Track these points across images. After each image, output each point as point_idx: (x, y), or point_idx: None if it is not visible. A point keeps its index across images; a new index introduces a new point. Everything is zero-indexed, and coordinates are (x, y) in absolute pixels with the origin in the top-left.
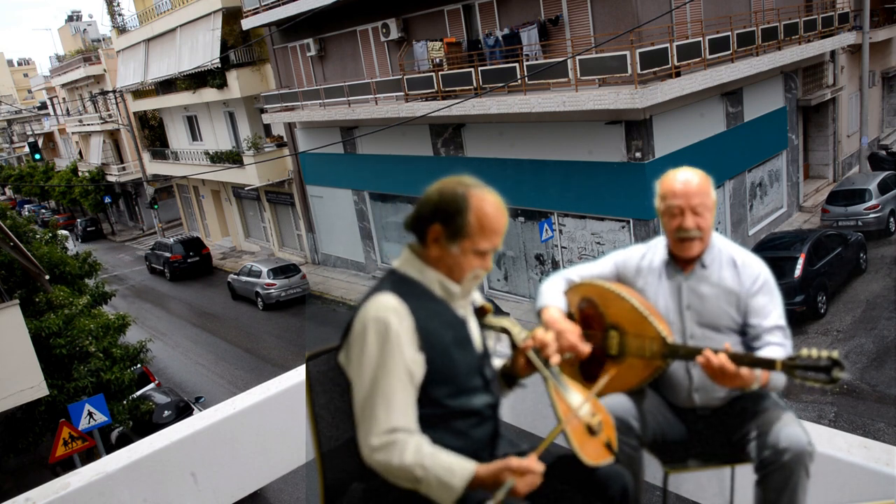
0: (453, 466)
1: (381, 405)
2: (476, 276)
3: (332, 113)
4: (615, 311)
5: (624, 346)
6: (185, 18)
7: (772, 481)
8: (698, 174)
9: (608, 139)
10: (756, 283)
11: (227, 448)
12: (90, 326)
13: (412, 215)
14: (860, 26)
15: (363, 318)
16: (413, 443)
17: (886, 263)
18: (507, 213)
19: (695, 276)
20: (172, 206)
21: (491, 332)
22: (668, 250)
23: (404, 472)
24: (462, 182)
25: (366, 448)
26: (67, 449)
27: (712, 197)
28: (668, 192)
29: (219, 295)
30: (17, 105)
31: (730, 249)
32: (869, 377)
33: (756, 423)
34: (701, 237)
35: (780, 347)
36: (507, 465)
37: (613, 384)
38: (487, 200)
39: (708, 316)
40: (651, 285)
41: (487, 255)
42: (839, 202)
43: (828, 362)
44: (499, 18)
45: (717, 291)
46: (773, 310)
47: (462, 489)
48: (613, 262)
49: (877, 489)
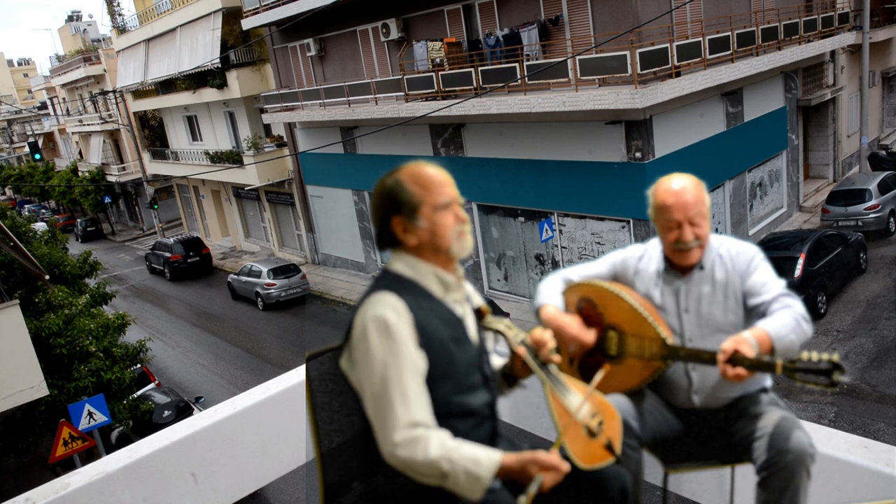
0: (479, 457)
1: (398, 400)
2: (460, 234)
3: (332, 113)
4: (614, 312)
5: (623, 347)
6: (185, 18)
7: (773, 483)
8: (692, 182)
9: (608, 139)
10: (751, 264)
11: (227, 448)
12: (90, 326)
13: (376, 234)
14: (860, 26)
15: (362, 319)
16: (436, 436)
17: (886, 263)
18: (441, 167)
19: (694, 278)
20: (172, 206)
21: (489, 333)
22: (666, 257)
23: (431, 468)
24: (386, 174)
25: (388, 445)
26: (67, 449)
27: (707, 203)
28: (662, 206)
29: (219, 295)
30: (17, 105)
31: (722, 242)
32: (869, 377)
33: (757, 424)
34: (700, 245)
35: (787, 310)
36: (534, 458)
37: (612, 385)
38: (415, 166)
39: (707, 315)
40: (649, 288)
41: (451, 206)
42: (839, 202)
43: (828, 365)
44: (499, 18)
45: (716, 287)
46: (771, 281)
47: (490, 480)
48: (612, 262)
49: (877, 489)
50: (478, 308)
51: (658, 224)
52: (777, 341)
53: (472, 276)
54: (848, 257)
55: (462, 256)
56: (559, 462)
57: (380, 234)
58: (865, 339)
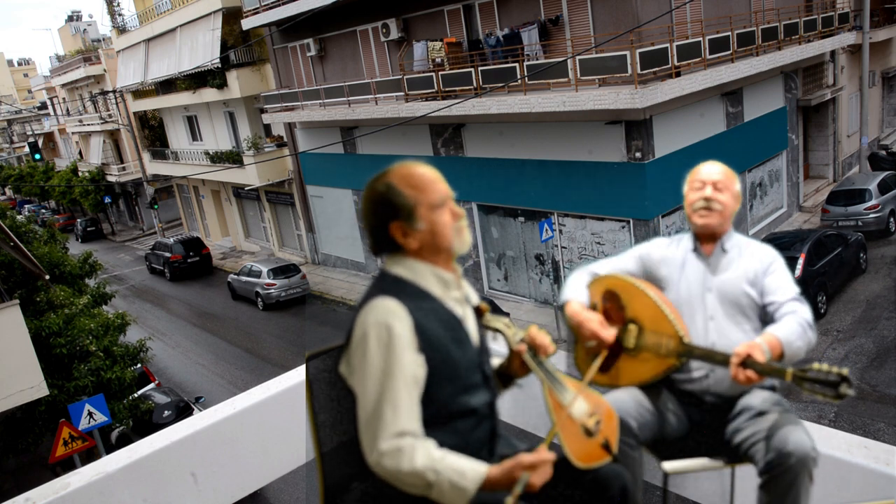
0: (464, 469)
1: (388, 409)
2: (459, 230)
3: (332, 113)
4: (637, 306)
5: (641, 341)
6: (185, 18)
7: (776, 485)
8: (723, 165)
9: (608, 139)
10: (772, 265)
11: (227, 448)
12: (90, 326)
13: (371, 240)
14: (860, 26)
15: (362, 324)
16: (422, 447)
17: (886, 263)
18: (428, 165)
19: (716, 258)
20: (172, 206)
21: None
22: (694, 236)
23: (415, 478)
24: (374, 179)
25: (374, 454)
26: (67, 449)
27: (736, 186)
28: (693, 175)
29: (219, 295)
30: (17, 105)
31: (747, 240)
32: (869, 377)
33: (759, 426)
34: (721, 211)
35: (794, 315)
36: (518, 462)
37: (626, 377)
38: (403, 168)
39: (729, 296)
40: (675, 272)
41: (447, 204)
42: (839, 202)
43: (836, 378)
44: (499, 18)
45: (737, 273)
46: (787, 285)
47: (475, 492)
48: (638, 254)
49: (877, 489)
50: (477, 306)
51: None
52: (786, 347)
53: (472, 276)
54: (848, 257)
55: (463, 252)
56: (542, 456)
57: (376, 239)
58: (865, 339)
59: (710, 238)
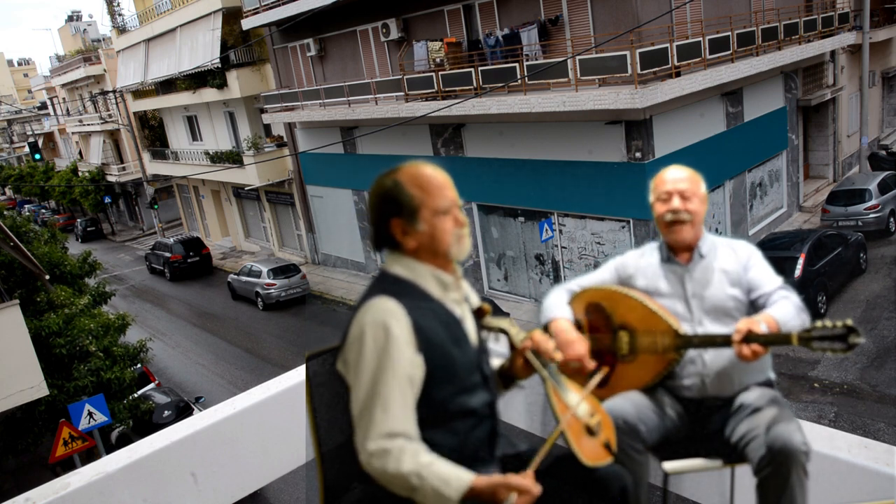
0: (450, 477)
1: (379, 409)
2: (459, 237)
3: (332, 113)
4: (624, 311)
5: (634, 345)
6: (185, 18)
7: (770, 483)
8: (686, 169)
9: (608, 139)
10: (750, 259)
11: (227, 448)
12: (90, 326)
13: (373, 234)
14: (860, 26)
15: (360, 322)
16: (411, 450)
17: (886, 263)
18: (440, 169)
19: (695, 265)
20: (172, 206)
21: (490, 333)
22: (666, 246)
23: (400, 480)
24: (384, 174)
25: (363, 453)
26: (67, 449)
27: (702, 189)
28: (657, 183)
29: (219, 295)
30: (17, 105)
31: (719, 239)
32: (869, 377)
33: (753, 423)
34: (691, 221)
35: (786, 300)
36: (506, 481)
37: (627, 383)
38: (414, 168)
39: (714, 301)
40: (653, 283)
41: (451, 211)
42: (839, 202)
43: (843, 330)
44: (499, 18)
45: (718, 276)
46: (770, 275)
47: (458, 501)
48: (613, 267)
49: (877, 489)
50: (479, 307)
51: (654, 206)
52: (783, 325)
53: (472, 276)
54: (848, 257)
55: (461, 259)
56: (531, 484)
57: (377, 234)
58: (865, 339)
59: (686, 248)
